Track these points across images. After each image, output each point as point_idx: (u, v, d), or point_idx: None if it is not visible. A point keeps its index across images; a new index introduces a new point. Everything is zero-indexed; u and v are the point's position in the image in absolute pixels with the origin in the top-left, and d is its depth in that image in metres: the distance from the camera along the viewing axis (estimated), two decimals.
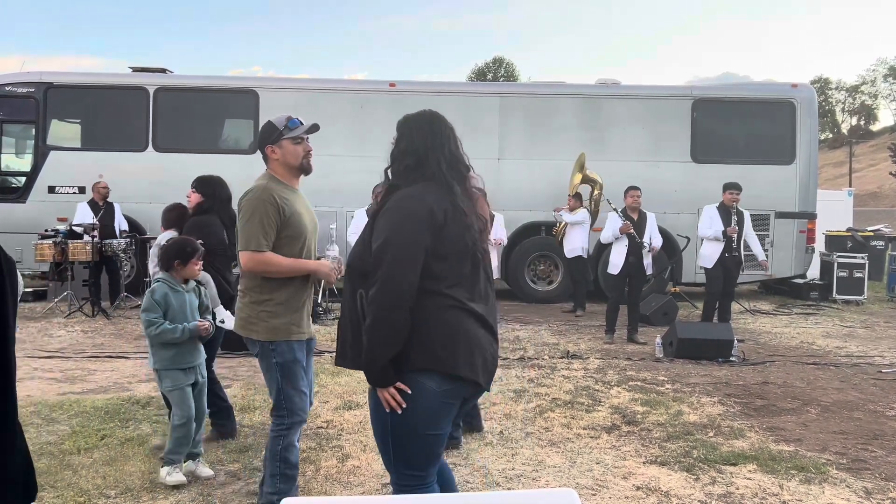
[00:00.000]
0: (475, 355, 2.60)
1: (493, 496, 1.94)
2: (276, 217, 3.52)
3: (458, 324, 2.59)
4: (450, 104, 12.55)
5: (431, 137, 2.74)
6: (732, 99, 12.94)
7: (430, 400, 2.57)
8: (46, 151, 12.26)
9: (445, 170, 2.69)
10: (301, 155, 3.67)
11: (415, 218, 2.57)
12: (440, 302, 2.58)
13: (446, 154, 2.72)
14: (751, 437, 5.29)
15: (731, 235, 9.12)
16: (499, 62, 49.70)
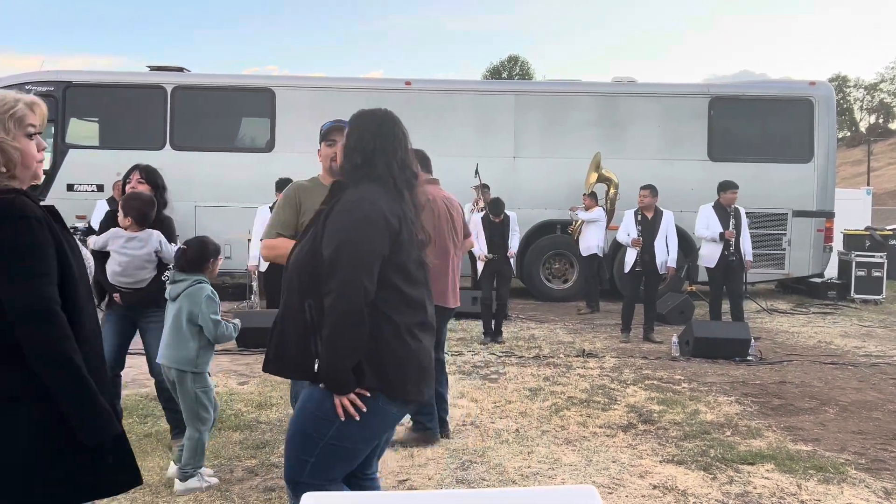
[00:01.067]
0: (423, 375, 2.56)
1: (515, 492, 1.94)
2: (291, 209, 3.70)
3: (410, 342, 2.51)
4: (465, 102, 12.61)
5: (380, 139, 2.62)
6: (750, 97, 12.86)
7: (385, 419, 2.56)
8: (65, 150, 12.35)
9: (396, 174, 2.58)
10: (329, 157, 3.67)
11: (371, 222, 2.45)
12: (393, 317, 2.48)
13: (397, 159, 2.60)
14: (768, 436, 5.27)
15: (730, 239, 9.09)
16: (514, 60, 49.62)
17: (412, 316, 2.52)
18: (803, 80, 13.08)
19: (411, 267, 2.54)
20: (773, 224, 12.51)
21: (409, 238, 2.53)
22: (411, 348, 2.50)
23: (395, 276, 2.49)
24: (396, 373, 2.48)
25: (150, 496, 4.02)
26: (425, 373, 2.56)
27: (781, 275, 12.98)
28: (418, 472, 4.46)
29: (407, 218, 2.54)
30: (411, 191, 2.63)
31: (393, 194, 2.54)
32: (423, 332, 2.56)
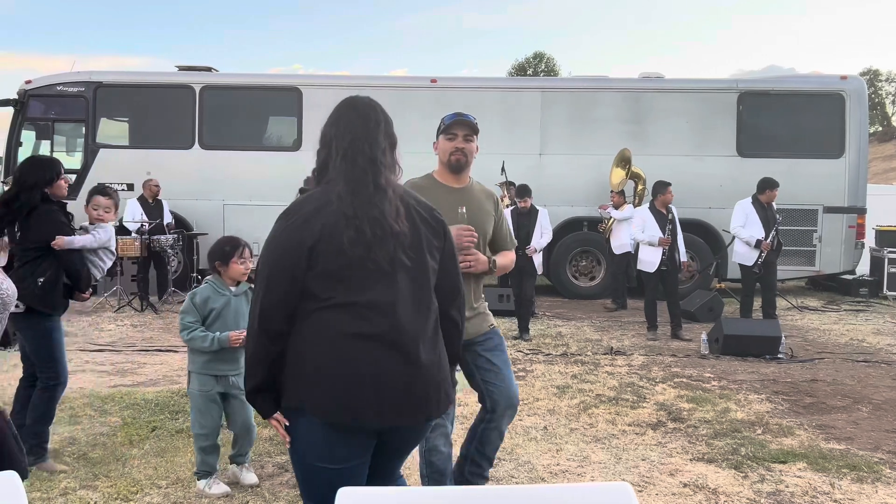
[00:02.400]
0: (354, 393, 2.24)
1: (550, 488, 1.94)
2: None
3: (337, 355, 2.25)
4: (491, 99, 12.59)
5: (336, 126, 2.43)
6: (779, 91, 12.70)
7: (315, 434, 2.28)
8: (96, 149, 12.51)
9: (338, 163, 2.37)
10: (449, 151, 3.51)
11: (279, 241, 2.30)
12: (318, 329, 2.27)
13: (344, 144, 2.38)
14: (800, 434, 5.21)
15: (765, 251, 9.00)
16: (539, 57, 49.45)
17: (345, 325, 2.26)
18: (834, 75, 12.91)
19: (343, 270, 2.26)
20: (803, 220, 12.36)
21: (340, 241, 2.25)
22: (333, 361, 2.24)
23: (318, 284, 2.27)
24: (311, 391, 2.26)
25: (181, 490, 4.07)
26: (358, 392, 2.24)
27: (812, 272, 12.83)
28: None
29: (341, 216, 2.27)
30: (366, 183, 2.34)
31: (339, 188, 2.32)
32: (359, 338, 2.26)
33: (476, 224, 3.49)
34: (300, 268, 2.25)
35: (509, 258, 3.79)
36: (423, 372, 2.31)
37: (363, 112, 2.45)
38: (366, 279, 2.27)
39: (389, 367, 2.26)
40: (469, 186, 3.63)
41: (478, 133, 3.56)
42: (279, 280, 2.27)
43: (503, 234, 3.76)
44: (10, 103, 12.37)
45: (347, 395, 2.23)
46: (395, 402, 2.27)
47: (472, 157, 3.57)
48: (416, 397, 2.30)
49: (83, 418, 5.36)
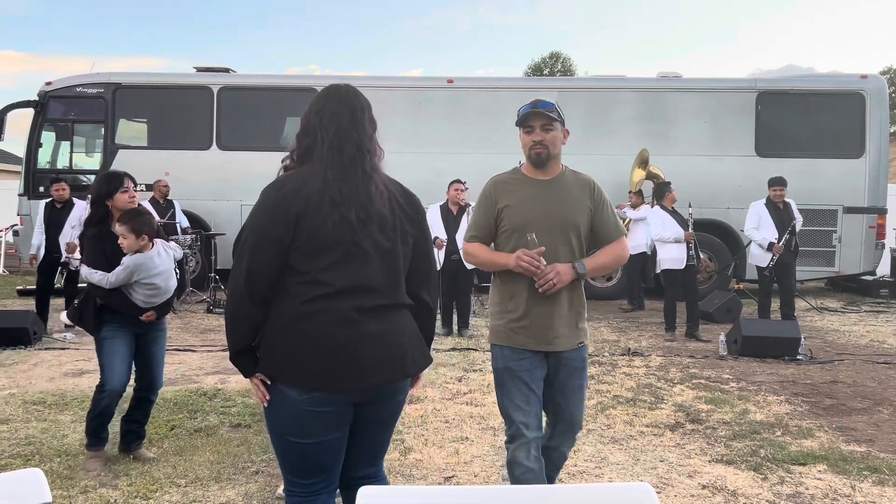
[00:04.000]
0: (331, 360, 2.34)
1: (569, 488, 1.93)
2: (486, 208, 3.33)
3: (309, 326, 2.35)
4: (507, 99, 12.54)
5: (320, 114, 2.50)
6: (799, 91, 12.61)
7: (290, 407, 2.39)
8: (115, 150, 12.61)
9: (325, 151, 2.45)
10: (528, 145, 3.28)
11: (267, 207, 2.40)
12: (297, 301, 2.37)
13: (330, 133, 2.46)
14: (820, 436, 5.17)
15: (777, 254, 8.94)
16: (555, 57, 49.31)
17: (320, 299, 2.36)
18: (854, 74, 12.80)
19: (322, 247, 2.36)
20: (822, 221, 12.27)
21: (322, 218, 2.34)
22: (310, 332, 2.35)
23: (299, 259, 2.37)
24: (286, 358, 2.37)
25: (200, 490, 4.09)
26: (335, 360, 2.34)
27: (831, 272, 12.73)
28: (464, 469, 4.47)
29: (324, 196, 2.36)
30: (349, 167, 2.43)
31: (327, 174, 2.40)
32: (339, 315, 2.36)
33: (564, 220, 3.25)
34: (287, 235, 2.35)
35: (611, 253, 3.34)
36: (391, 338, 2.44)
37: (348, 101, 2.52)
38: (345, 257, 2.38)
39: (361, 338, 2.37)
40: (558, 177, 3.33)
41: (560, 120, 3.28)
42: (266, 245, 2.36)
43: (606, 224, 3.34)
44: (31, 105, 12.50)
45: (321, 364, 2.34)
46: (366, 368, 2.38)
47: (557, 147, 3.29)
48: (386, 362, 2.42)
49: None
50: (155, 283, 4.43)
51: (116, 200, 4.43)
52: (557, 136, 3.28)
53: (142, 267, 4.37)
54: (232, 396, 5.98)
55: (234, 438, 4.95)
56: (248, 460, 4.53)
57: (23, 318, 8.12)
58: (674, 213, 9.06)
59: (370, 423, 2.54)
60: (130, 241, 4.37)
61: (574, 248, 3.27)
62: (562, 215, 3.26)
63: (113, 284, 4.32)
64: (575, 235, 3.27)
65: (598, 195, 3.34)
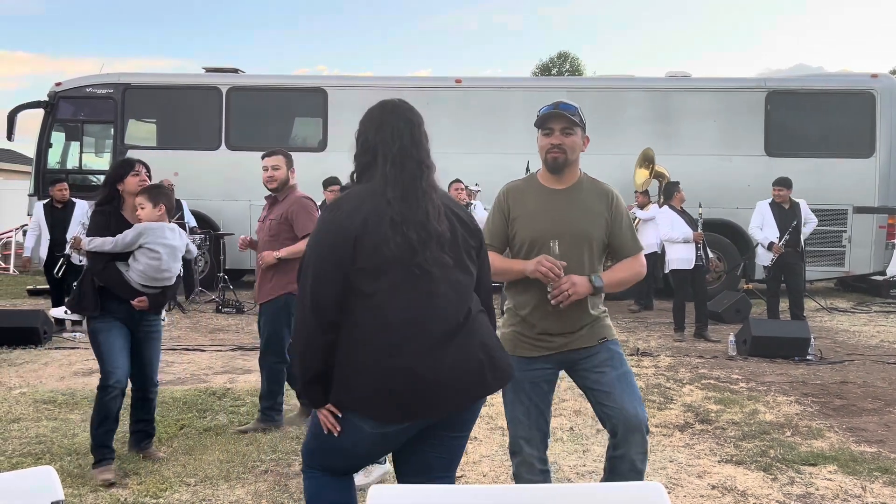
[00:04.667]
0: (408, 394, 2.29)
1: (581, 487, 1.93)
2: (499, 217, 3.20)
3: (381, 357, 2.30)
4: (516, 99, 12.56)
5: (382, 131, 2.46)
6: (809, 90, 12.57)
7: (363, 439, 2.38)
8: (124, 150, 12.64)
9: (388, 170, 2.40)
10: (545, 149, 3.12)
11: (325, 229, 2.38)
12: (368, 331, 2.32)
13: (393, 150, 2.42)
14: (830, 437, 5.15)
15: (777, 254, 8.90)
16: (563, 57, 49.23)
17: (389, 323, 2.32)
18: (864, 73, 12.75)
19: (383, 267, 2.31)
20: (832, 220, 12.22)
21: (381, 238, 2.30)
22: (384, 365, 2.30)
23: (363, 281, 2.32)
24: (360, 391, 2.32)
25: (209, 489, 4.10)
26: (412, 393, 2.29)
27: (841, 272, 12.68)
28: (473, 469, 4.47)
29: (383, 215, 2.32)
30: (409, 183, 2.39)
31: (388, 193, 2.35)
32: (410, 338, 2.31)
33: (578, 233, 3.09)
34: (347, 257, 2.30)
35: (628, 269, 3.20)
36: (463, 359, 2.35)
37: (406, 116, 2.49)
38: (408, 278, 2.32)
39: (434, 364, 2.30)
40: (575, 186, 3.16)
41: (581, 125, 3.13)
42: (329, 269, 2.32)
43: (622, 238, 3.18)
44: (41, 105, 12.56)
45: (397, 394, 2.28)
46: (444, 395, 2.32)
47: (576, 154, 3.12)
48: (461, 383, 2.34)
49: None
50: (158, 252, 4.30)
51: (127, 183, 4.40)
52: (577, 141, 3.12)
53: (150, 230, 4.30)
54: (241, 396, 6.00)
55: (243, 438, 4.96)
56: (257, 459, 4.54)
57: (33, 318, 8.15)
58: (683, 213, 9.05)
59: (434, 443, 2.47)
60: (148, 210, 4.34)
61: (586, 262, 3.11)
62: (575, 228, 3.09)
63: (115, 247, 4.23)
64: (588, 249, 3.11)
65: (616, 207, 3.16)
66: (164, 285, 4.43)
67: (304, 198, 5.35)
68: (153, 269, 4.31)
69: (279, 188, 5.37)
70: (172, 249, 4.40)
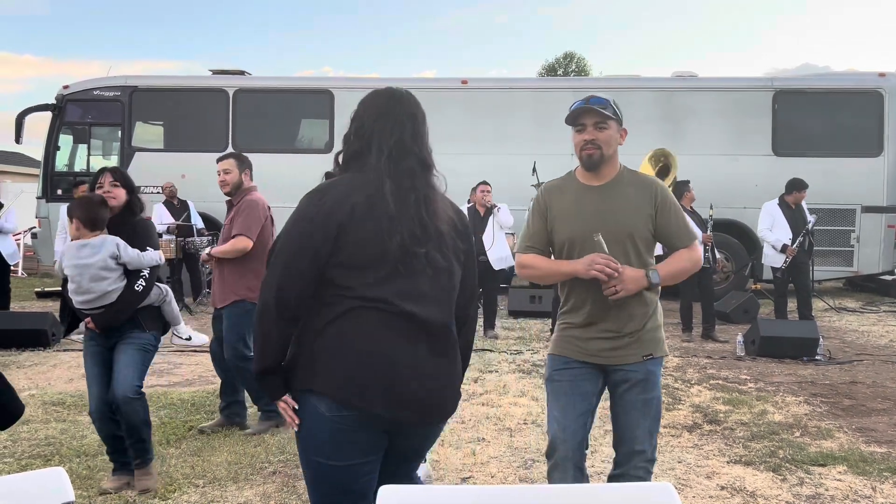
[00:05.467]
0: (367, 375, 2.17)
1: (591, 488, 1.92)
2: (538, 218, 3.10)
3: (359, 339, 2.18)
4: (522, 99, 12.56)
5: (382, 120, 2.31)
6: (816, 90, 12.53)
7: (321, 425, 2.20)
8: (132, 153, 12.70)
9: (383, 162, 2.26)
10: (579, 146, 3.02)
11: (306, 218, 2.21)
12: (336, 310, 2.20)
13: (391, 142, 2.28)
14: (839, 437, 5.12)
15: (790, 256, 8.86)
16: (569, 57, 49.17)
17: (369, 317, 2.20)
18: (872, 72, 12.69)
19: (366, 262, 2.19)
20: (840, 220, 12.17)
21: (369, 232, 2.18)
22: (349, 340, 2.18)
23: (341, 275, 2.20)
24: (323, 371, 2.19)
25: (218, 490, 4.10)
26: (373, 373, 2.17)
27: (850, 272, 12.63)
28: (481, 469, 4.46)
29: (375, 207, 2.19)
30: (405, 179, 2.27)
31: (383, 186, 2.22)
32: (387, 334, 2.20)
33: (619, 229, 2.95)
34: (325, 248, 2.17)
35: (684, 259, 3.02)
36: (440, 370, 2.27)
37: (411, 111, 2.35)
38: (394, 274, 2.20)
39: (407, 360, 2.20)
40: (615, 181, 3.04)
41: (616, 118, 3.01)
42: (302, 257, 2.19)
43: (670, 229, 3.00)
44: (48, 108, 12.60)
45: (359, 378, 2.16)
46: (407, 395, 2.20)
47: (612, 148, 3.01)
48: (430, 396, 2.24)
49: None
50: (71, 275, 3.97)
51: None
52: (612, 135, 3.00)
53: (66, 252, 4.02)
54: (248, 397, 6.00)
55: (251, 439, 4.97)
56: (265, 461, 4.55)
57: (41, 320, 8.18)
58: (692, 213, 9.03)
59: (399, 453, 2.35)
60: (71, 226, 4.07)
61: (633, 259, 2.96)
62: (616, 224, 2.95)
63: (57, 271, 4.10)
64: (632, 245, 2.96)
65: (662, 198, 3.00)
66: (101, 305, 3.98)
67: (253, 200, 5.22)
68: (73, 291, 4.00)
69: (232, 192, 5.25)
70: (85, 268, 3.91)
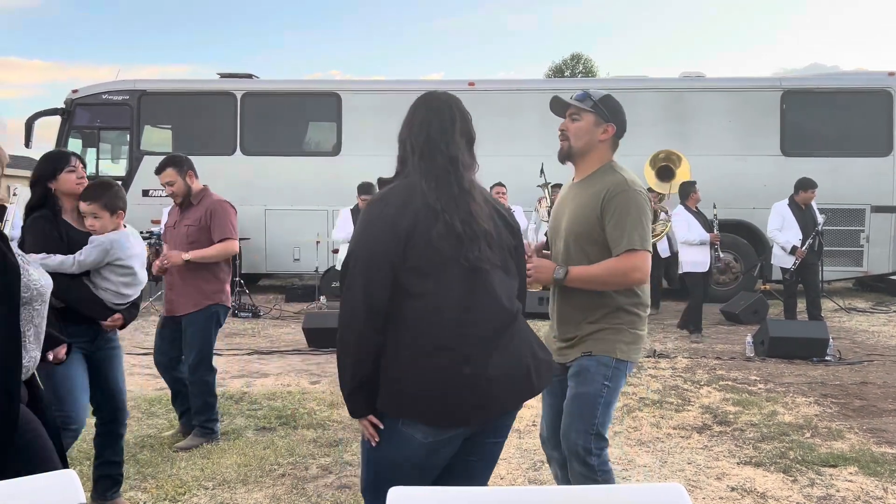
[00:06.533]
0: (460, 395, 2.20)
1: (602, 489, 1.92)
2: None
3: (435, 357, 2.20)
4: (530, 102, 12.54)
5: (412, 123, 2.38)
6: (825, 90, 12.48)
7: (416, 450, 2.23)
8: (140, 156, 12.73)
9: (417, 161, 2.33)
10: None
11: (377, 224, 2.24)
12: (416, 331, 2.22)
13: (420, 142, 2.34)
14: (850, 438, 5.10)
15: (800, 258, 8.83)
16: (576, 58, 49.16)
17: (439, 323, 2.23)
18: (881, 71, 12.64)
19: (436, 267, 2.22)
20: (850, 220, 12.12)
21: (431, 236, 2.20)
22: (435, 366, 2.20)
23: (413, 280, 2.22)
24: (411, 394, 2.21)
25: (227, 492, 4.11)
26: (463, 394, 2.20)
27: (859, 272, 12.58)
28: None
29: (432, 211, 2.22)
30: (449, 180, 2.30)
31: (422, 185, 2.27)
32: (461, 340, 2.22)
33: (568, 229, 3.00)
34: (397, 254, 2.20)
35: (606, 268, 2.89)
36: (512, 361, 2.28)
37: (437, 108, 2.39)
38: (458, 276, 2.23)
39: (488, 364, 2.22)
40: (589, 178, 3.02)
41: (592, 111, 2.97)
42: (380, 266, 2.20)
43: (608, 234, 2.90)
44: (58, 112, 12.66)
45: (450, 396, 2.19)
46: (499, 399, 2.25)
47: (583, 140, 2.99)
48: (511, 385, 2.27)
49: (130, 421, 5.43)
50: (131, 267, 3.72)
51: (61, 181, 3.63)
52: (584, 127, 2.98)
53: (118, 245, 3.65)
54: (258, 399, 6.02)
55: (260, 441, 4.98)
56: (274, 463, 4.56)
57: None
58: (698, 213, 9.02)
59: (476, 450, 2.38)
60: (105, 220, 3.67)
61: (574, 258, 2.97)
62: (567, 224, 3.01)
63: (82, 267, 3.59)
64: (575, 245, 2.97)
65: (608, 201, 2.89)
66: (135, 297, 3.85)
67: (222, 201, 5.03)
68: (126, 285, 3.74)
69: (184, 200, 4.96)
70: (142, 257, 3.84)
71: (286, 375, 6.97)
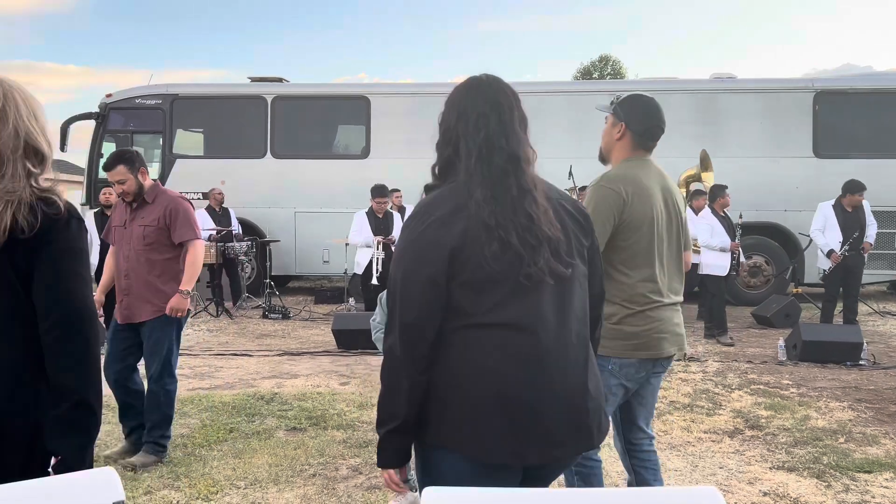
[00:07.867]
0: (512, 425, 1.87)
1: (635, 492, 1.92)
2: None
3: (493, 383, 1.87)
4: (559, 103, 12.51)
5: (465, 118, 2.00)
6: (858, 90, 12.30)
7: (461, 478, 1.85)
8: (173, 160, 12.89)
9: (472, 164, 1.95)
10: None
11: (413, 243, 1.92)
12: (464, 352, 1.89)
13: (478, 141, 1.97)
14: (886, 444, 5.02)
15: (835, 262, 8.73)
16: (605, 60, 48.91)
17: (495, 348, 1.89)
18: None
19: (490, 282, 1.89)
20: (884, 222, 11.88)
21: (481, 248, 1.87)
22: (485, 392, 1.88)
23: (463, 297, 1.89)
24: (462, 426, 1.88)
25: (259, 491, 4.15)
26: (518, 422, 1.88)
27: (894, 276, 12.37)
28: None
29: (479, 220, 1.89)
30: (508, 183, 1.94)
31: (476, 194, 1.92)
32: (520, 366, 1.89)
33: None
34: (441, 273, 1.88)
35: None
36: (571, 398, 1.95)
37: (493, 98, 2.02)
38: (514, 293, 1.90)
39: (546, 394, 1.90)
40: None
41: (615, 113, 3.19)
42: (421, 289, 1.89)
43: None
44: (92, 116, 12.86)
45: (503, 430, 1.87)
46: (558, 436, 1.91)
47: (603, 141, 3.26)
48: (569, 426, 1.93)
49: None
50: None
51: None
52: (606, 128, 3.23)
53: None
54: (288, 400, 6.06)
55: (291, 441, 5.02)
56: (305, 463, 4.59)
57: None
58: (724, 218, 8.96)
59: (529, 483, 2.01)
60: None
61: None
62: None
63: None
64: None
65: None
66: None
67: (180, 198, 4.76)
68: None
69: (136, 198, 4.64)
70: None
71: (316, 376, 7.01)
